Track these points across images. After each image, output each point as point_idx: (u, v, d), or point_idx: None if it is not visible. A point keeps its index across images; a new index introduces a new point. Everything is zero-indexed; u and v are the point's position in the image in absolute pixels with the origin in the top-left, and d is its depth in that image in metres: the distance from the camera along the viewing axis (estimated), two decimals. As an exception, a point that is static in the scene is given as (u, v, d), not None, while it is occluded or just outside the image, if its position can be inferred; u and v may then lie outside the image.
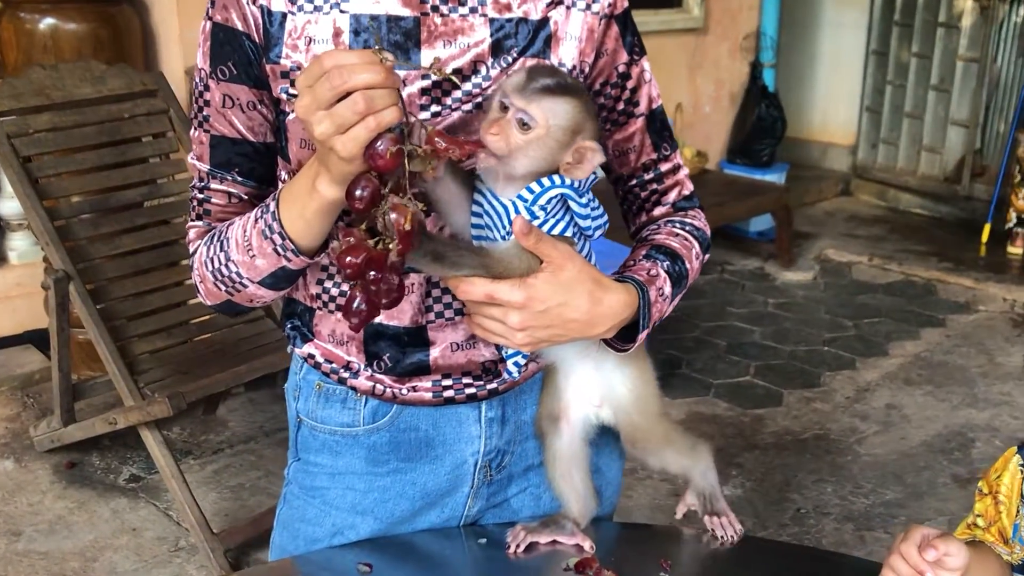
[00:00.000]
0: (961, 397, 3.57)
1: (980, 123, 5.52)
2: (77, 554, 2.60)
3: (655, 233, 1.17)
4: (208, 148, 1.08)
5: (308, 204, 0.96)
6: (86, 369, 3.25)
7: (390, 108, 0.86)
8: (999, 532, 1.21)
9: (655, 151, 1.17)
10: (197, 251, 1.10)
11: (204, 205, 1.10)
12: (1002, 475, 1.22)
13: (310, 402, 1.18)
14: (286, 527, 1.22)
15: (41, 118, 2.79)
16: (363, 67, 0.85)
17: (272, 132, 1.08)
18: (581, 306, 0.98)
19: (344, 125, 0.86)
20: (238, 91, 1.05)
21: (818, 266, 4.92)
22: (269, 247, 1.01)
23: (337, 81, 0.85)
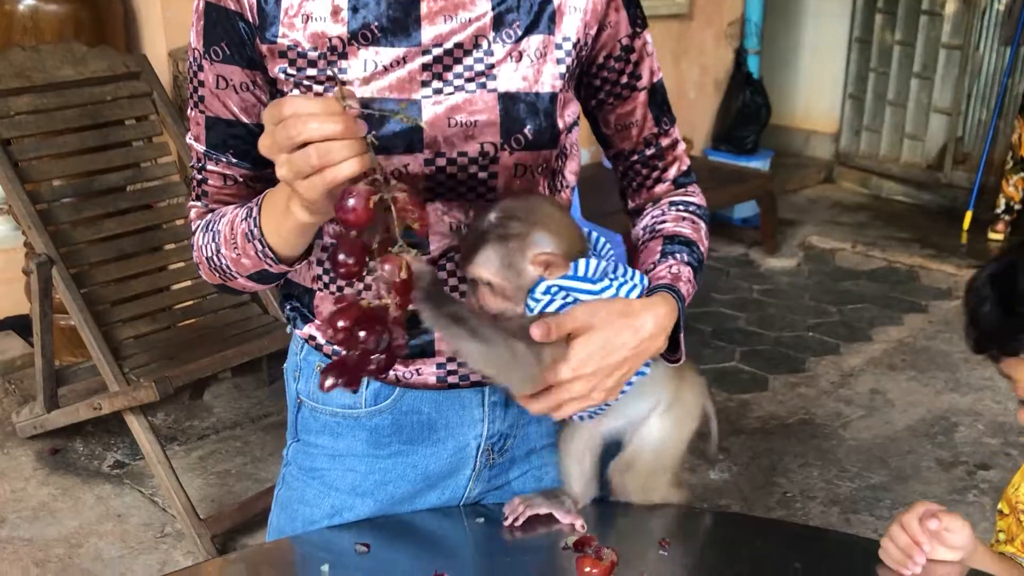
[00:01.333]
0: (944, 382, 3.60)
1: (962, 111, 5.55)
2: (62, 540, 2.58)
3: (662, 221, 1.16)
4: (204, 129, 1.07)
5: (283, 223, 0.96)
6: (68, 355, 3.21)
7: (348, 161, 0.82)
8: (1022, 543, 1.22)
9: (656, 125, 1.17)
10: (196, 233, 1.10)
11: (203, 186, 1.10)
12: (1020, 487, 1.23)
13: (311, 383, 1.17)
14: (284, 508, 1.21)
15: (21, 100, 2.75)
16: (320, 118, 0.82)
17: None
18: (627, 343, 0.99)
19: (301, 173, 0.84)
20: (231, 72, 1.03)
21: (802, 253, 4.93)
22: (252, 250, 1.01)
23: (292, 132, 0.82)
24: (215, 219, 1.07)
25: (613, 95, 1.14)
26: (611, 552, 1.03)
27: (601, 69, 1.11)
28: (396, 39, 1.01)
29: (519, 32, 1.04)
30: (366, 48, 1.01)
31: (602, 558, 1.02)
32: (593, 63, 1.11)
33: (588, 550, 1.05)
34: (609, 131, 1.17)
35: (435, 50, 1.02)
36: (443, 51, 1.02)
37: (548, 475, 1.23)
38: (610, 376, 0.99)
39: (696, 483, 2.84)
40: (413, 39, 1.01)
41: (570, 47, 1.07)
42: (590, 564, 1.01)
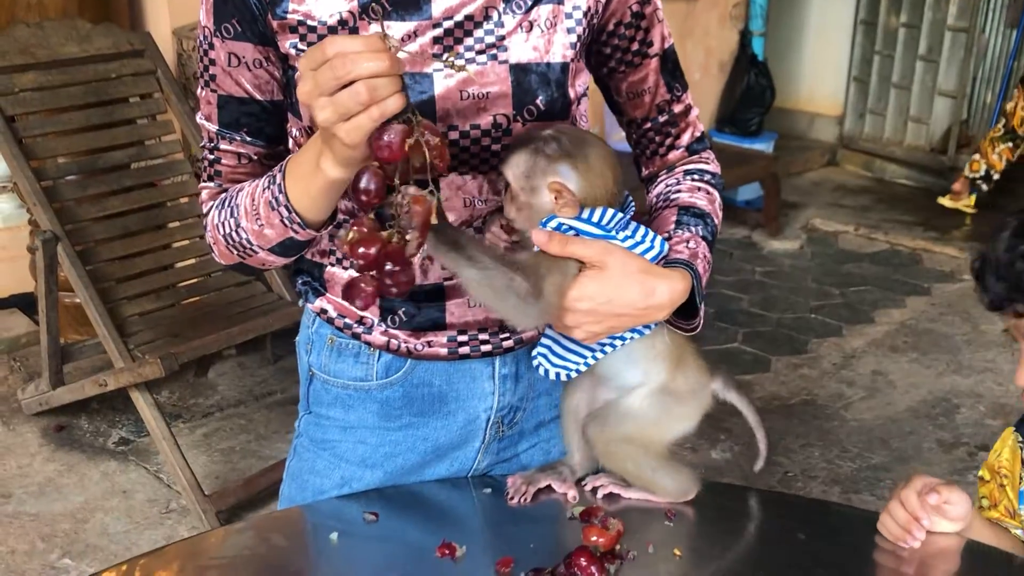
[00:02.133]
0: (946, 364, 3.61)
1: (967, 94, 5.54)
2: (68, 516, 2.59)
3: (677, 190, 1.15)
4: (216, 108, 1.06)
5: (312, 182, 0.95)
6: (73, 333, 3.22)
7: (394, 96, 0.83)
8: (1006, 509, 1.23)
9: (668, 92, 1.16)
10: (209, 213, 1.09)
11: (215, 166, 1.09)
12: (1001, 453, 1.24)
13: (322, 356, 1.17)
14: (295, 478, 1.22)
15: (26, 77, 2.75)
16: (367, 55, 0.82)
17: (280, 89, 1.06)
18: (632, 300, 0.98)
19: (347, 114, 0.84)
20: (243, 49, 1.02)
21: (805, 235, 4.93)
22: (276, 218, 1.00)
23: (341, 71, 0.82)
24: (232, 195, 1.06)
25: (624, 62, 1.13)
26: (617, 522, 1.04)
27: (612, 36, 1.11)
28: (407, 13, 1.01)
29: (528, 2, 1.04)
30: (377, 22, 1.00)
31: (608, 528, 1.03)
32: (603, 30, 1.10)
33: (595, 520, 1.06)
34: (621, 99, 1.16)
35: (446, 23, 1.01)
36: (454, 23, 1.02)
37: (556, 447, 1.23)
38: (600, 323, 0.99)
39: (697, 462, 2.86)
40: (424, 12, 1.01)
41: (580, 16, 1.06)
42: (596, 533, 1.02)
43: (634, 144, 1.21)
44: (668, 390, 1.10)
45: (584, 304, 0.97)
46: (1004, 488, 1.23)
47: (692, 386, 1.12)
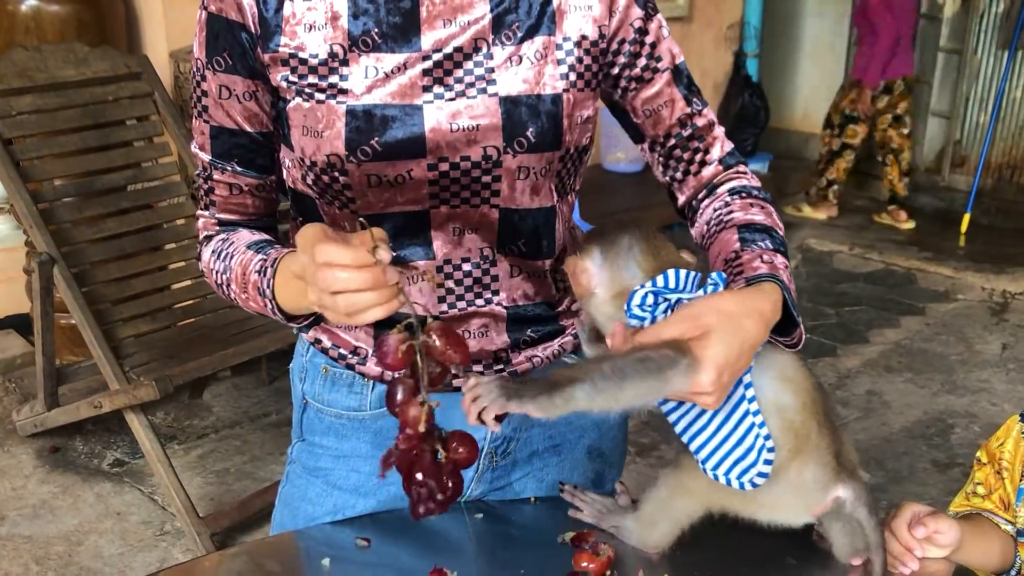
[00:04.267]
0: (940, 384, 3.61)
1: (960, 114, 5.57)
2: (62, 538, 2.59)
3: (729, 212, 1.09)
4: (208, 139, 1.07)
5: (300, 302, 0.97)
6: (68, 354, 3.23)
7: (374, 309, 0.86)
8: (1000, 499, 1.23)
9: (688, 105, 1.12)
10: (204, 252, 1.12)
11: (210, 196, 1.11)
12: (1005, 443, 1.24)
13: (316, 384, 1.17)
14: (287, 505, 1.22)
15: (23, 100, 2.77)
16: (350, 270, 0.85)
17: (271, 121, 1.07)
18: (752, 334, 0.91)
19: (330, 310, 0.88)
20: (233, 82, 1.04)
21: (800, 255, 4.95)
22: (263, 302, 1.03)
23: (322, 283, 0.86)
24: (227, 250, 1.08)
25: (635, 79, 1.10)
26: (608, 548, 1.04)
27: (617, 55, 1.09)
28: (397, 45, 1.02)
29: (519, 34, 1.04)
30: (367, 55, 1.01)
31: (599, 553, 1.04)
32: (608, 52, 1.09)
33: (586, 545, 1.06)
34: (639, 119, 1.13)
35: (435, 55, 1.02)
36: (443, 56, 1.02)
37: (549, 476, 1.23)
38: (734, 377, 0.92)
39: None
40: (414, 45, 1.02)
41: (571, 46, 1.06)
42: (587, 559, 1.03)
43: (663, 170, 1.16)
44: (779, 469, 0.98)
45: (726, 374, 0.90)
46: (1002, 478, 1.23)
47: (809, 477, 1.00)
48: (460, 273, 1.09)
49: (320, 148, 1.01)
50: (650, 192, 4.35)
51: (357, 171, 1.01)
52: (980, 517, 1.25)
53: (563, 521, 1.13)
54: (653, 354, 0.88)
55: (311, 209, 1.09)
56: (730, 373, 0.91)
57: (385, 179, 1.02)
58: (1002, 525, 1.23)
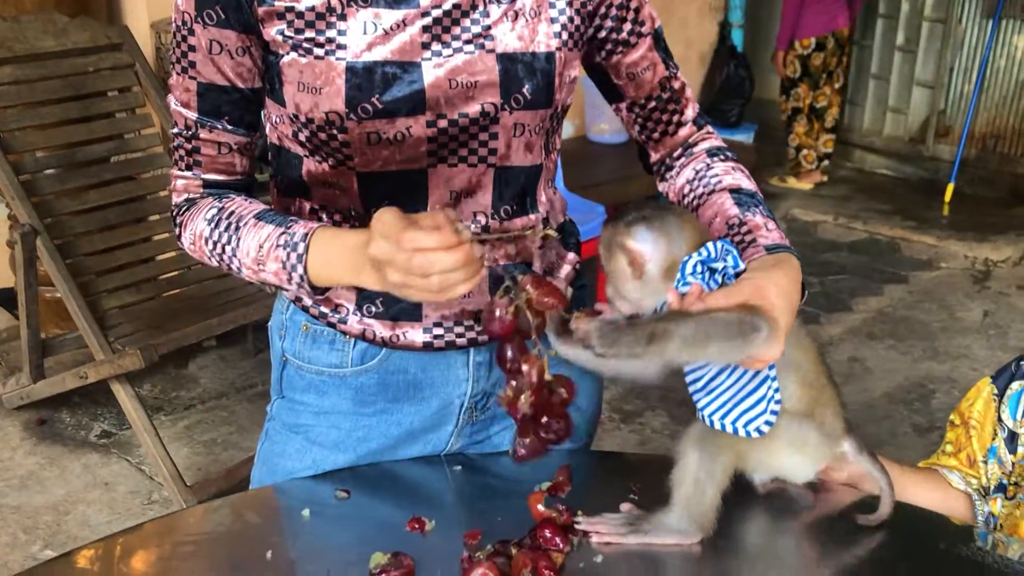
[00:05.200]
0: (922, 350, 3.65)
1: (945, 84, 5.59)
2: (50, 508, 2.60)
3: (713, 174, 1.15)
4: (195, 95, 1.05)
5: (343, 278, 1.00)
6: (53, 327, 3.22)
7: (464, 284, 0.90)
8: (967, 457, 1.26)
9: (667, 69, 1.17)
10: (192, 218, 1.08)
11: (194, 156, 1.08)
12: (975, 403, 1.27)
13: (296, 342, 1.18)
14: (266, 462, 1.23)
15: (3, 71, 2.75)
16: (443, 253, 0.88)
17: (260, 77, 1.06)
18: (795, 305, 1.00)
19: (416, 290, 0.91)
20: (226, 36, 1.02)
21: (784, 225, 4.97)
22: (284, 275, 1.02)
23: (417, 270, 0.88)
24: (229, 220, 1.05)
25: (620, 43, 1.14)
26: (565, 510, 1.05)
27: (604, 19, 1.12)
28: (397, 2, 1.01)
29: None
30: (364, 8, 1.01)
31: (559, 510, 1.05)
32: (595, 15, 1.11)
33: (561, 495, 1.08)
34: (622, 81, 1.17)
35: (434, 12, 1.02)
36: (442, 12, 1.02)
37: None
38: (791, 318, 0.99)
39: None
40: (413, 2, 1.02)
41: (563, 5, 1.08)
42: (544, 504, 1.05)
43: (639, 129, 1.21)
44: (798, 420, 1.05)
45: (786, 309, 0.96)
46: (970, 436, 1.26)
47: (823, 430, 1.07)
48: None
49: (318, 105, 1.01)
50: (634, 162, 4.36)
51: (357, 128, 1.02)
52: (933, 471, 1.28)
53: (540, 473, 1.14)
54: (742, 317, 0.93)
55: (294, 166, 1.10)
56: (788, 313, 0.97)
57: (384, 137, 1.03)
58: (954, 481, 1.25)
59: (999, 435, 1.23)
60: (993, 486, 1.24)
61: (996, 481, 1.23)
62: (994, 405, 1.25)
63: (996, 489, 1.24)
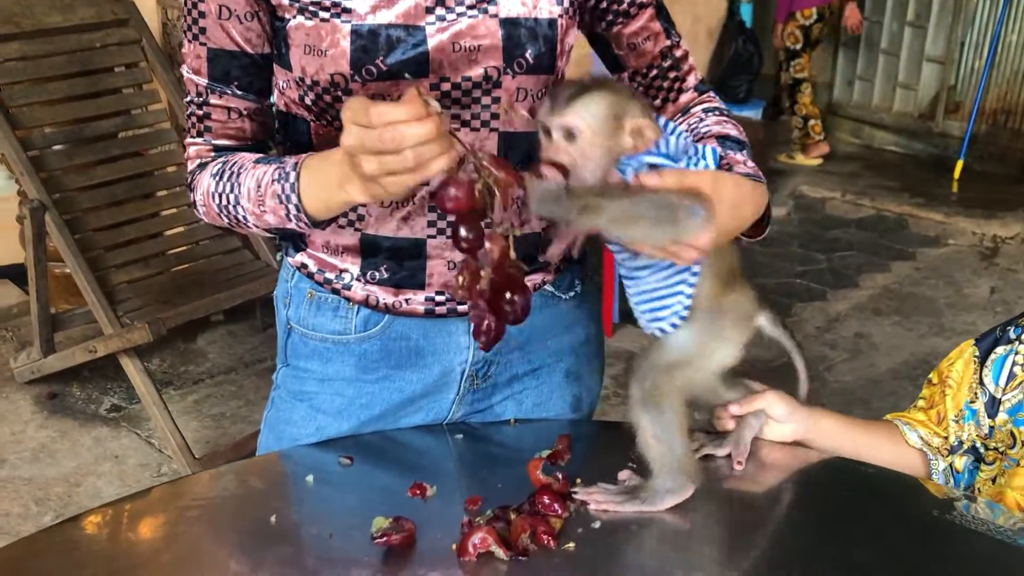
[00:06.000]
0: (928, 327, 3.65)
1: (955, 59, 5.55)
2: (61, 480, 2.64)
3: (705, 125, 1.16)
4: (205, 61, 1.06)
5: (333, 198, 0.98)
6: (63, 302, 3.25)
7: (439, 159, 0.87)
8: (937, 414, 1.26)
9: (668, 38, 1.18)
10: (201, 178, 1.10)
11: (204, 122, 1.09)
12: (955, 363, 1.27)
13: (301, 309, 1.19)
14: (272, 428, 1.25)
15: (10, 47, 2.76)
16: (414, 125, 0.85)
17: (268, 42, 1.07)
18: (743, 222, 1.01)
19: (393, 172, 0.88)
20: (235, 1, 1.03)
21: (792, 202, 4.97)
22: (282, 211, 1.02)
23: (390, 144, 0.85)
24: (232, 169, 1.07)
25: (621, 14, 1.14)
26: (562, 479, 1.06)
27: None
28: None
29: None
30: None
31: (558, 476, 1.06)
32: None
33: (561, 463, 1.10)
34: (623, 51, 1.17)
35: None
36: None
37: (528, 399, 1.27)
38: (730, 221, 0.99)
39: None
40: None
41: None
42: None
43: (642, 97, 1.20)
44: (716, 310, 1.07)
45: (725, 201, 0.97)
46: (944, 395, 1.26)
47: (739, 311, 1.10)
48: None
49: (324, 67, 1.02)
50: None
51: (361, 90, 1.02)
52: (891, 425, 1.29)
53: (540, 441, 1.16)
54: (676, 200, 0.94)
55: (302, 132, 1.11)
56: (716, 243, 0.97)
57: (388, 98, 1.03)
58: (910, 439, 1.26)
59: (980, 398, 1.23)
60: (966, 447, 1.24)
61: (969, 443, 1.24)
62: (973, 367, 1.25)
63: (968, 450, 1.24)
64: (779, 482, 1.20)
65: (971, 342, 1.27)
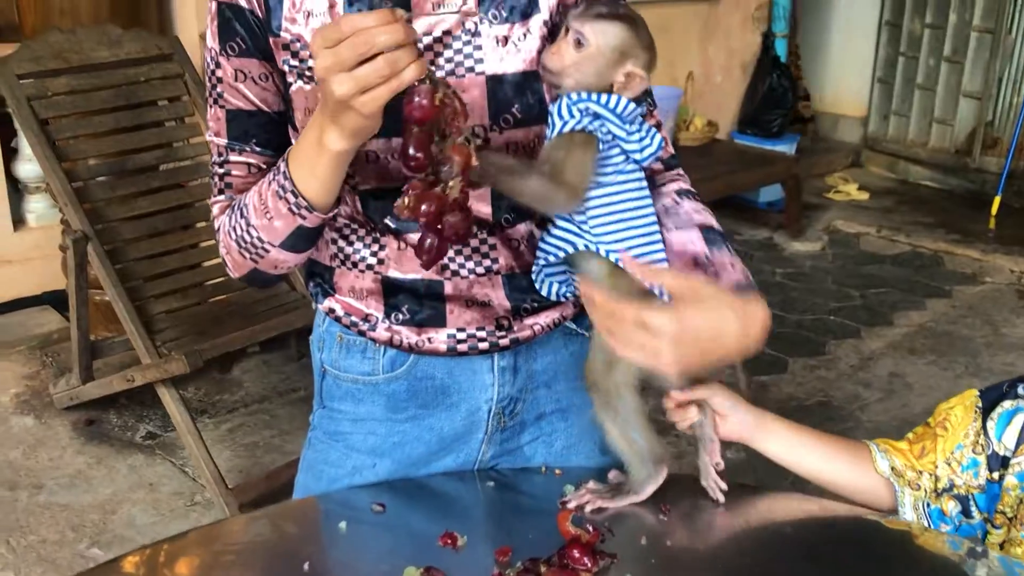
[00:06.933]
0: (964, 367, 3.61)
1: (992, 95, 5.51)
2: (96, 507, 2.68)
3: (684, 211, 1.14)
4: (225, 123, 1.11)
5: (318, 161, 0.99)
6: (103, 330, 3.31)
7: (412, 66, 0.88)
8: (921, 448, 1.24)
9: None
10: (221, 225, 1.14)
11: (225, 179, 1.13)
12: (955, 407, 1.25)
13: (333, 352, 1.23)
14: (310, 468, 1.28)
15: (59, 81, 2.84)
16: (384, 29, 0.86)
17: (283, 101, 1.11)
18: (733, 330, 0.96)
19: (367, 86, 0.88)
20: (249, 64, 1.08)
21: (827, 237, 4.94)
22: (284, 207, 1.04)
23: (362, 48, 0.86)
24: (240, 198, 1.11)
25: None
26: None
27: None
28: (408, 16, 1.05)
29: (503, 14, 1.08)
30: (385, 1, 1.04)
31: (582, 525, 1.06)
32: None
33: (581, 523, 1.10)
34: None
35: (426, 39, 1.06)
36: (433, 39, 1.07)
37: (558, 440, 1.28)
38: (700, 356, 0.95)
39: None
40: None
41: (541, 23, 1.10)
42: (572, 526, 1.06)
43: None
44: None
45: (691, 337, 0.93)
46: (936, 434, 1.23)
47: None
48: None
49: None
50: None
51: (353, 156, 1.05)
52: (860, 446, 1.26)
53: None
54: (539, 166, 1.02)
55: None
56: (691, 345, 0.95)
57: (383, 156, 1.08)
58: (878, 463, 1.23)
59: (983, 450, 1.21)
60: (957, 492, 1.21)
61: (964, 490, 1.21)
62: (974, 414, 1.23)
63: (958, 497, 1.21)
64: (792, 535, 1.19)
65: (975, 392, 1.26)
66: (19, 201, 3.71)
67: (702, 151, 4.84)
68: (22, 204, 3.71)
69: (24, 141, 3.31)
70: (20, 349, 3.46)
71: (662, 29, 5.13)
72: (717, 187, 4.56)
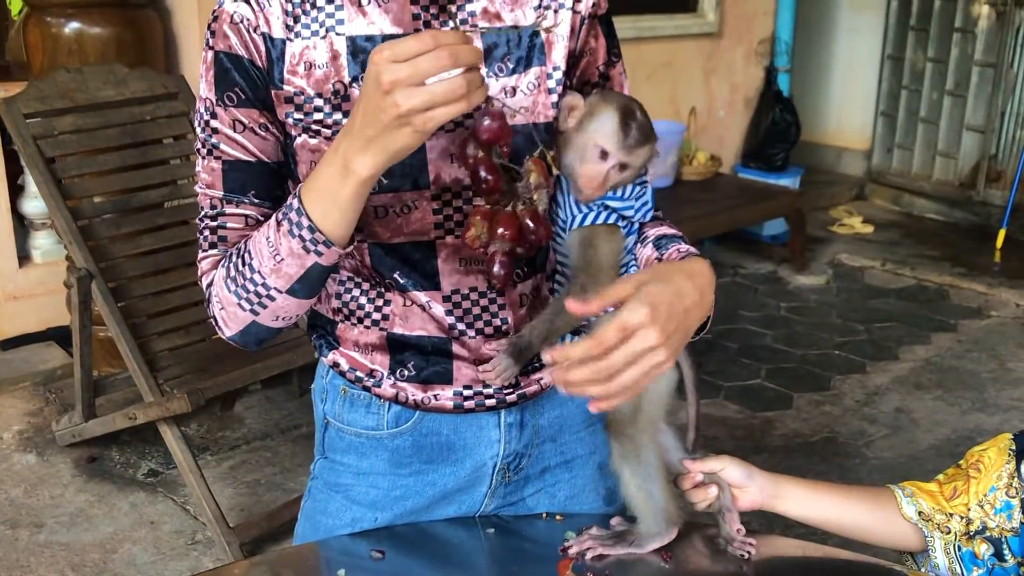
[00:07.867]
0: (971, 402, 3.58)
1: (995, 128, 5.53)
2: (97, 546, 2.66)
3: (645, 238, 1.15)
4: (220, 174, 1.06)
5: (341, 190, 0.94)
6: (106, 366, 3.31)
7: (480, 90, 0.87)
8: (953, 489, 1.23)
9: None
10: (213, 280, 1.08)
11: (219, 232, 1.08)
12: (988, 450, 1.24)
13: (336, 405, 1.21)
14: (309, 518, 1.27)
15: (65, 120, 2.86)
16: (468, 48, 0.85)
17: (283, 152, 1.09)
18: (688, 289, 0.95)
19: (437, 103, 0.85)
20: (248, 115, 1.05)
21: (831, 270, 4.93)
22: (298, 245, 0.98)
23: (445, 62, 0.84)
24: (241, 246, 1.06)
25: None
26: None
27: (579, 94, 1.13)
28: None
29: (510, 66, 1.08)
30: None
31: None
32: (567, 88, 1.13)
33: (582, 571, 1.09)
34: None
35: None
36: None
37: (560, 492, 1.27)
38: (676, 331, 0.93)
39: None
40: None
41: (560, 76, 1.11)
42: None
43: None
44: None
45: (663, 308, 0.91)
46: (969, 476, 1.23)
47: None
48: (468, 302, 1.13)
49: None
50: (676, 206, 4.37)
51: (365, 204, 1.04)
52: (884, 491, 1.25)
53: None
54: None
55: None
56: (667, 315, 0.91)
57: (391, 210, 1.07)
58: (904, 508, 1.22)
59: (1017, 493, 1.20)
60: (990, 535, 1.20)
61: (997, 532, 1.20)
62: (1006, 458, 1.22)
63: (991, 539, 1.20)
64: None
65: (1008, 435, 1.25)
66: (25, 237, 3.73)
67: (705, 185, 4.86)
68: (28, 240, 3.73)
69: (30, 179, 3.34)
70: (24, 385, 3.46)
71: (665, 64, 5.17)
72: (721, 221, 4.56)
